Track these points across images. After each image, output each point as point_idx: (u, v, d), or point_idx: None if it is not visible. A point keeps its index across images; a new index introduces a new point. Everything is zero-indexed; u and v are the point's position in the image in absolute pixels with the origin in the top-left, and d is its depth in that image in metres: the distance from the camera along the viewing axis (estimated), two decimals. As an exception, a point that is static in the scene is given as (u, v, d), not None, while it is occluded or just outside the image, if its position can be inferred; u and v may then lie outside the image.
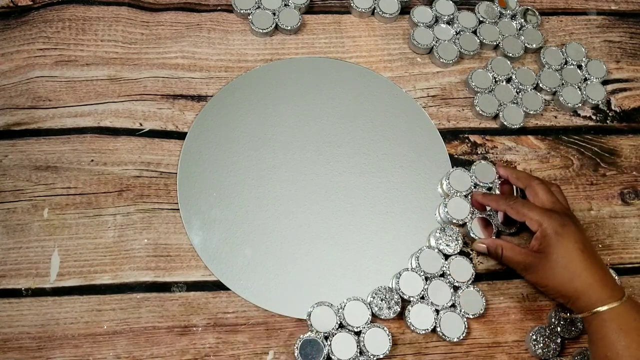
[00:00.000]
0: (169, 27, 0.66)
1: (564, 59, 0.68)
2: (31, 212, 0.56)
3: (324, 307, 0.54)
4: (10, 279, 0.53)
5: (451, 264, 0.56)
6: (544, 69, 0.68)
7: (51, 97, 0.61)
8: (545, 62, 0.68)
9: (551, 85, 0.66)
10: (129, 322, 0.53)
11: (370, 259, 0.57)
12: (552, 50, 0.69)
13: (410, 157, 0.62)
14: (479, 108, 0.64)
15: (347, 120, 0.64)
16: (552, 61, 0.68)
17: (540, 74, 0.67)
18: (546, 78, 0.67)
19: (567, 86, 0.67)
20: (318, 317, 0.53)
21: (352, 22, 0.69)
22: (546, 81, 0.67)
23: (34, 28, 0.64)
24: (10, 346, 0.51)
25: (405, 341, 0.54)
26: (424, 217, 0.60)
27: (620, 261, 0.60)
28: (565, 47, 0.69)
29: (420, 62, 0.68)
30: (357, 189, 0.60)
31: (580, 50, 0.69)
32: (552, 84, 0.67)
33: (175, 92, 0.63)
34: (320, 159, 0.61)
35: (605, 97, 0.67)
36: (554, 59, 0.68)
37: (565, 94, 0.66)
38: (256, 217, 0.58)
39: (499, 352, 0.55)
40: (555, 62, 0.68)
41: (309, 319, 0.53)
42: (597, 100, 0.66)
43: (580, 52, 0.69)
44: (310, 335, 0.52)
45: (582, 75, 0.68)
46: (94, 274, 0.54)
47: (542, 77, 0.67)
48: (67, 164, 0.58)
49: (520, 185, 0.57)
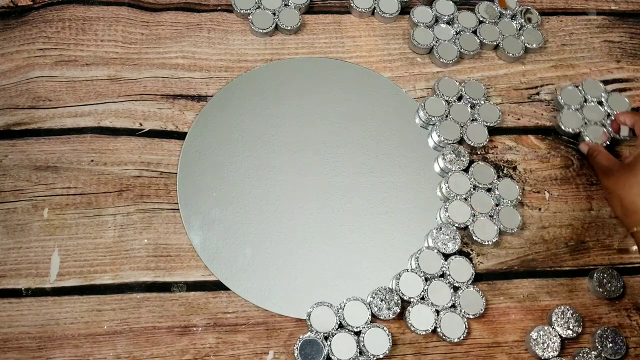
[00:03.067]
0: (169, 27, 0.66)
1: (583, 96, 0.66)
2: (31, 212, 0.56)
3: (323, 307, 0.54)
4: (10, 279, 0.53)
5: (451, 265, 0.56)
6: (563, 110, 0.65)
7: (51, 97, 0.61)
8: (564, 103, 0.65)
9: (574, 126, 0.64)
10: (129, 322, 0.53)
11: (370, 259, 0.57)
12: (569, 90, 0.66)
13: (410, 157, 0.62)
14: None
15: (347, 120, 0.64)
16: (570, 101, 0.66)
17: (560, 115, 0.65)
18: (567, 119, 0.64)
19: (590, 125, 0.65)
20: (318, 317, 0.53)
21: (352, 22, 0.69)
22: (567, 122, 0.64)
23: (34, 28, 0.64)
24: (10, 346, 0.51)
25: (405, 341, 0.54)
26: (423, 217, 0.60)
27: (620, 261, 0.60)
28: (581, 84, 0.66)
29: (420, 62, 0.68)
30: (357, 189, 0.60)
31: (598, 85, 0.67)
32: (574, 124, 0.64)
33: (175, 92, 0.63)
34: (320, 159, 0.61)
35: (629, 131, 0.64)
36: (572, 99, 0.66)
37: (590, 133, 0.64)
38: (256, 217, 0.58)
39: (499, 352, 0.55)
40: (574, 101, 0.66)
41: (308, 319, 0.53)
42: (625, 135, 0.64)
43: (598, 87, 0.67)
44: (310, 335, 0.52)
45: (604, 112, 0.65)
46: (94, 274, 0.54)
47: (562, 119, 0.64)
48: (67, 164, 0.58)
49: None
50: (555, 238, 0.60)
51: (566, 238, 0.61)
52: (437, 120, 0.63)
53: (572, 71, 0.69)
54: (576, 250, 0.60)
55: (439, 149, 0.63)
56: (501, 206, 0.59)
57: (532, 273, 0.59)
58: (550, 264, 0.59)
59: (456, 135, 0.62)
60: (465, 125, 0.63)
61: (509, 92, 0.67)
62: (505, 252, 0.59)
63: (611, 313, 0.58)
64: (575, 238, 0.61)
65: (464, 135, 0.63)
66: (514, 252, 0.59)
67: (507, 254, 0.59)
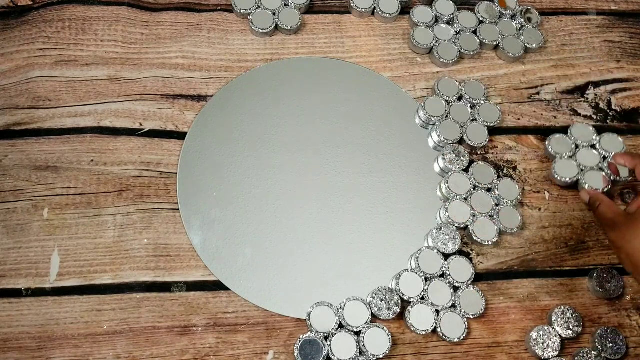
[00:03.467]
0: (169, 27, 0.66)
1: (573, 143, 0.63)
2: (31, 212, 0.56)
3: (323, 307, 0.54)
4: (10, 279, 0.53)
5: (451, 265, 0.56)
6: (556, 160, 0.62)
7: (51, 97, 0.61)
8: (554, 153, 0.63)
9: (570, 175, 0.61)
10: (129, 322, 0.53)
11: (370, 259, 0.57)
12: (558, 138, 0.63)
13: (410, 157, 0.62)
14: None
15: (347, 120, 0.64)
16: (561, 149, 0.63)
17: (554, 165, 0.62)
18: (561, 169, 0.62)
19: (587, 170, 0.62)
20: (318, 317, 0.53)
21: (352, 22, 0.69)
22: (562, 172, 0.62)
23: (34, 28, 0.64)
24: (10, 346, 0.51)
25: (405, 341, 0.54)
26: (423, 217, 0.60)
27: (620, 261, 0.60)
28: (570, 131, 0.64)
29: (420, 62, 0.68)
30: (357, 189, 0.60)
31: (588, 129, 0.64)
32: (570, 174, 0.62)
33: (175, 92, 0.63)
34: (320, 159, 0.61)
35: (630, 172, 0.61)
36: (563, 147, 0.63)
37: (589, 179, 0.61)
38: (256, 217, 0.58)
39: (499, 352, 0.55)
40: (565, 149, 0.63)
41: (308, 319, 0.53)
42: (625, 176, 0.61)
43: (587, 131, 0.64)
44: (310, 335, 0.52)
45: (599, 155, 0.63)
46: (94, 274, 0.54)
47: (556, 169, 0.62)
48: (67, 164, 0.58)
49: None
50: (556, 238, 0.60)
51: (566, 238, 0.61)
52: (437, 120, 0.63)
53: (573, 71, 0.69)
54: (576, 250, 0.60)
55: (439, 149, 0.63)
56: (501, 206, 0.59)
57: (532, 273, 0.59)
58: (550, 264, 0.59)
59: (456, 135, 0.62)
60: (465, 125, 0.63)
61: (509, 92, 0.67)
62: (505, 252, 0.59)
63: (611, 313, 0.58)
64: (576, 238, 0.61)
65: (464, 135, 0.63)
66: (514, 252, 0.59)
67: (507, 254, 0.59)
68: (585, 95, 0.68)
